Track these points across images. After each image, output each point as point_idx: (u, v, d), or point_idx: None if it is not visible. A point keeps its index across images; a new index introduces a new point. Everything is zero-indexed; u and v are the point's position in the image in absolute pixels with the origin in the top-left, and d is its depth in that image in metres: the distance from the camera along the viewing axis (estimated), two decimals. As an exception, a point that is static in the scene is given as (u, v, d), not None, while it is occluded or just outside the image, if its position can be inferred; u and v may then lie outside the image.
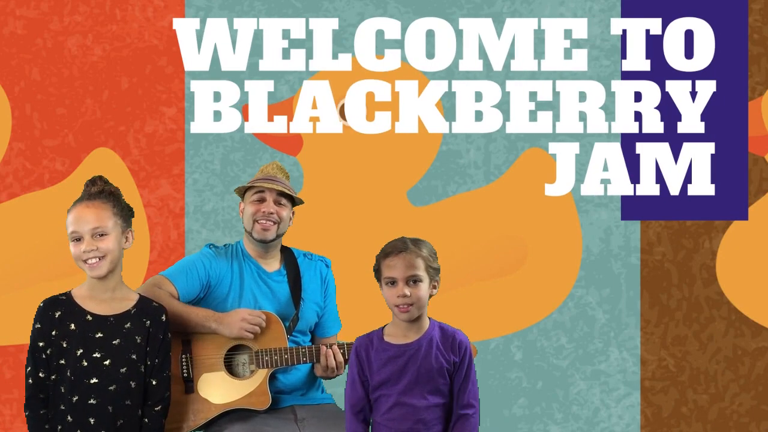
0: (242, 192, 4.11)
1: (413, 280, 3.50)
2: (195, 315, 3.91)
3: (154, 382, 3.65)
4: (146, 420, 3.64)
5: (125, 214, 3.65)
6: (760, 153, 5.29)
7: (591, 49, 5.31)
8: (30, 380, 3.56)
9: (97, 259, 3.57)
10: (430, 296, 3.56)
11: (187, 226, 5.27)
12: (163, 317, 3.68)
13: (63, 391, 3.55)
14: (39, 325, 3.58)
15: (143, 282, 4.10)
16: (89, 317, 3.58)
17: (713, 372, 5.30)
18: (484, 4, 5.31)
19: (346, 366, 4.00)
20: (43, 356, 3.56)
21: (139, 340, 3.62)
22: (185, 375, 3.89)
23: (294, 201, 4.12)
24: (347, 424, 3.59)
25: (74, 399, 3.56)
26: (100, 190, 3.64)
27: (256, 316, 3.91)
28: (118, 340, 3.59)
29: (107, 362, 3.57)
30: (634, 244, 5.31)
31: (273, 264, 4.11)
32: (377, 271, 3.57)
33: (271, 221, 4.03)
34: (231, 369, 3.94)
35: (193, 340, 3.92)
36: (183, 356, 3.91)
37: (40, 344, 3.57)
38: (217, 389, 3.90)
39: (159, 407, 3.66)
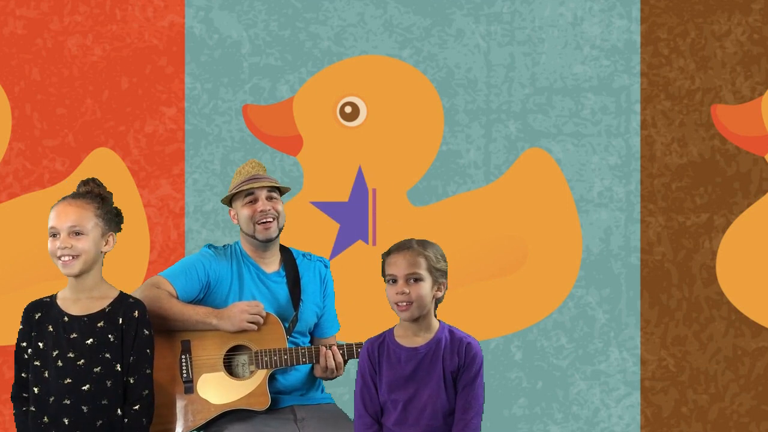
0: (229, 200, 4.09)
1: (413, 279, 3.48)
2: (195, 313, 3.91)
3: (131, 381, 3.61)
4: (126, 420, 3.60)
5: (109, 217, 3.62)
6: (760, 153, 5.29)
7: (591, 49, 5.31)
8: (15, 381, 3.61)
9: (70, 258, 3.54)
10: (437, 299, 3.54)
11: (187, 226, 5.28)
12: (136, 313, 3.62)
13: (37, 392, 3.56)
14: (22, 327, 3.61)
15: (142, 282, 4.10)
16: (66, 318, 3.58)
17: (713, 372, 5.30)
18: (484, 4, 5.31)
19: (345, 366, 4.01)
20: (25, 356, 3.59)
21: (112, 339, 3.59)
22: (184, 376, 3.90)
23: (281, 191, 4.10)
24: (359, 425, 3.57)
25: (50, 399, 3.55)
26: (88, 191, 3.63)
27: (254, 305, 3.90)
28: (91, 340, 3.57)
29: (81, 362, 3.55)
30: (634, 244, 5.31)
31: (272, 265, 4.10)
32: (383, 271, 3.56)
33: (270, 218, 4.01)
34: (230, 369, 3.94)
35: (193, 340, 3.92)
36: (182, 357, 3.91)
37: (23, 344, 3.60)
38: (217, 390, 3.90)
39: (137, 406, 3.60)
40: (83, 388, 3.56)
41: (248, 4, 5.29)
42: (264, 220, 4.00)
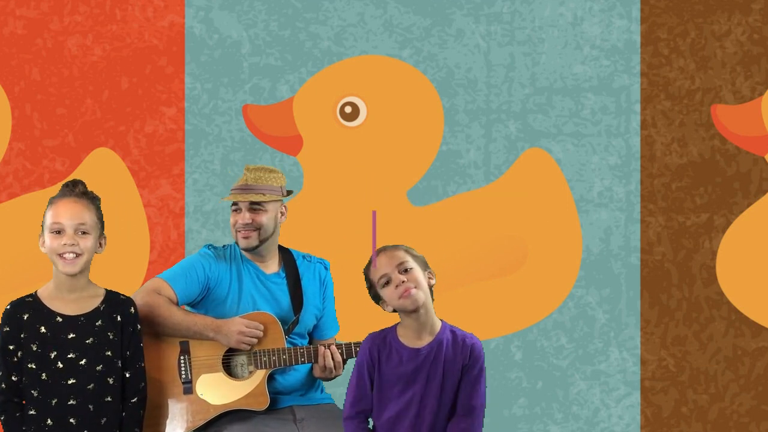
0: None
1: (404, 269, 3.51)
2: (194, 324, 3.91)
3: (127, 375, 3.64)
4: (124, 413, 3.63)
5: (102, 221, 3.63)
6: (760, 153, 5.29)
7: (591, 49, 5.31)
8: (3, 385, 3.55)
9: (74, 255, 3.54)
10: (430, 286, 3.55)
11: (187, 226, 5.28)
12: (132, 309, 3.66)
13: (36, 394, 3.54)
14: (7, 329, 3.55)
15: (142, 284, 4.10)
16: (59, 319, 3.56)
17: (713, 372, 5.30)
18: (484, 4, 5.31)
19: (345, 366, 4.00)
20: (14, 359, 3.55)
21: (111, 336, 3.60)
22: (183, 376, 3.90)
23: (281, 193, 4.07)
24: (347, 420, 3.57)
25: (53, 402, 3.54)
26: (84, 192, 3.62)
27: (253, 328, 3.90)
28: (91, 339, 3.57)
29: (83, 362, 3.56)
30: (634, 244, 5.31)
31: (272, 266, 4.10)
32: (371, 287, 3.58)
33: (249, 229, 4.00)
34: (229, 370, 3.94)
35: (191, 341, 3.92)
36: (181, 357, 3.91)
37: (11, 347, 3.55)
38: (216, 390, 3.90)
39: (135, 399, 3.65)
40: (88, 387, 3.56)
41: (248, 4, 5.29)
42: (243, 230, 4.00)
